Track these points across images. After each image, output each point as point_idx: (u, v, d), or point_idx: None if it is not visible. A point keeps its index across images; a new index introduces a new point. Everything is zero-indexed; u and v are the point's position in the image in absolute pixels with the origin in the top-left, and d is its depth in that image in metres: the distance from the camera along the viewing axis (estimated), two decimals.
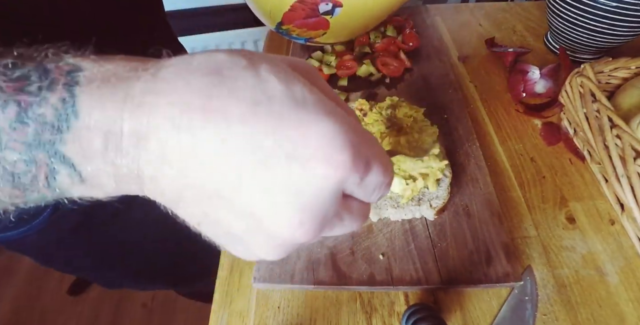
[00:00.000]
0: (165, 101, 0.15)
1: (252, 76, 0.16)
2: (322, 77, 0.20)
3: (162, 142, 0.15)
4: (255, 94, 0.16)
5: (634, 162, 0.39)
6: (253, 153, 0.15)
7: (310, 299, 0.39)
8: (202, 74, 0.16)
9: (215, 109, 0.15)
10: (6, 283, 1.27)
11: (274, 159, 0.15)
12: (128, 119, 0.15)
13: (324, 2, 0.48)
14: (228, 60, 0.16)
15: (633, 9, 0.51)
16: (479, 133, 0.54)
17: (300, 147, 0.15)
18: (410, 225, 0.43)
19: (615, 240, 0.43)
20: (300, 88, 0.16)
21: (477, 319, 0.38)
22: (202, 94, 0.15)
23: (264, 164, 0.15)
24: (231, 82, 0.16)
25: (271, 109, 0.15)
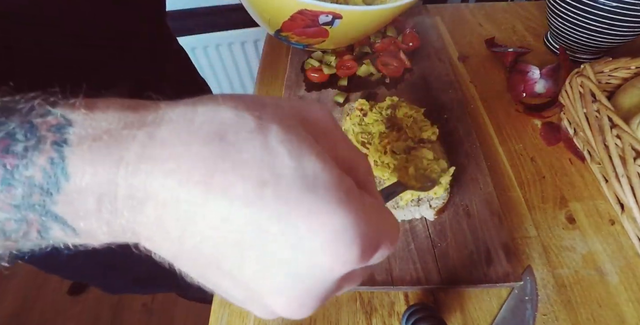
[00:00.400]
0: (163, 170, 0.14)
1: (260, 147, 0.15)
2: (335, 129, 0.18)
3: (159, 209, 0.14)
4: (262, 172, 0.14)
5: (634, 162, 0.39)
6: (257, 236, 0.14)
7: None
8: (204, 141, 0.14)
9: (217, 185, 0.14)
10: (6, 283, 1.27)
11: (279, 246, 0.15)
12: (123, 184, 0.14)
13: (323, 14, 0.48)
14: (234, 121, 0.15)
15: (633, 9, 0.51)
16: (479, 133, 0.54)
17: (307, 240, 0.14)
18: (410, 225, 0.43)
19: (615, 240, 0.43)
20: (312, 164, 0.15)
21: (477, 319, 0.38)
22: (204, 165, 0.14)
23: (269, 249, 0.15)
24: (236, 154, 0.14)
25: (279, 191, 0.14)
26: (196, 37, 1.11)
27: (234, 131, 0.15)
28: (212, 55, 1.18)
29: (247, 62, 1.22)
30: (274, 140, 0.15)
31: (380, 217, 0.17)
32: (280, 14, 0.50)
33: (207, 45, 1.15)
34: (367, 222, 0.15)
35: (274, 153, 0.15)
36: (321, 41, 0.55)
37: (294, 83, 0.62)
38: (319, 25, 0.50)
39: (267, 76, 0.66)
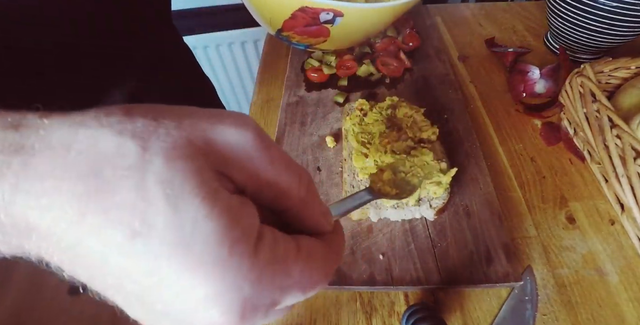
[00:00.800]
0: (38, 205, 0.13)
1: (135, 188, 0.13)
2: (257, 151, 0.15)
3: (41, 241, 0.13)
4: (133, 221, 0.13)
5: (634, 162, 0.39)
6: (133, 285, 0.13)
7: (310, 299, 0.39)
8: (77, 176, 0.13)
9: (89, 228, 0.13)
10: (6, 283, 1.27)
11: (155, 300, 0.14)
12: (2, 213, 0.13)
13: (324, 11, 0.47)
14: (113, 153, 0.13)
15: (633, 9, 0.51)
16: (479, 133, 0.54)
17: (179, 302, 0.13)
18: (410, 225, 0.43)
19: (615, 240, 0.43)
20: (193, 212, 0.13)
21: (477, 319, 0.38)
22: (76, 204, 0.13)
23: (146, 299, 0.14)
24: (109, 195, 0.13)
25: (149, 245, 0.13)
26: (196, 37, 1.11)
27: (111, 166, 0.13)
28: (212, 55, 1.18)
29: (247, 62, 1.22)
30: (151, 180, 0.13)
31: (288, 266, 0.15)
32: (281, 12, 0.50)
33: (207, 45, 1.15)
34: (255, 281, 0.14)
35: (148, 197, 0.13)
36: (322, 41, 0.55)
37: (294, 83, 0.62)
38: (320, 23, 0.50)
39: (267, 76, 0.66)
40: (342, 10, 0.47)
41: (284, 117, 0.56)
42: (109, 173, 0.13)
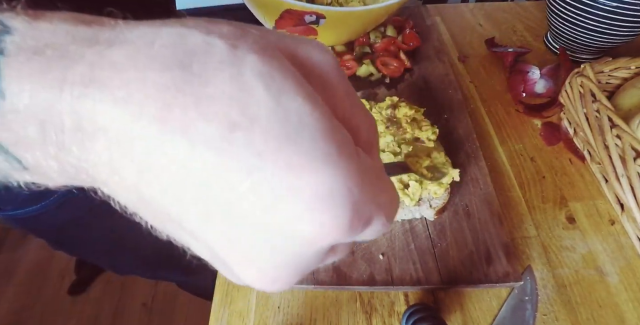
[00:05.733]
0: (113, 97, 0.11)
1: (231, 79, 0.12)
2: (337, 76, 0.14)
3: (111, 147, 0.12)
4: (231, 112, 0.11)
5: (634, 162, 0.39)
6: (223, 192, 0.12)
7: (310, 299, 0.39)
8: (163, 67, 0.12)
9: (175, 123, 0.11)
10: (6, 283, 1.27)
11: (249, 208, 0.12)
12: (68, 111, 0.12)
13: (308, 14, 0.50)
14: (202, 48, 0.12)
15: (633, 9, 0.51)
16: (479, 133, 0.54)
17: (284, 202, 0.12)
18: (410, 225, 0.43)
19: (615, 240, 0.43)
20: (297, 106, 0.12)
21: (477, 319, 0.38)
22: (160, 97, 0.11)
23: (237, 209, 0.12)
24: (200, 87, 0.11)
25: (250, 138, 0.11)
26: None
27: (201, 60, 0.12)
28: None
29: None
30: (249, 72, 0.12)
31: (379, 184, 0.14)
32: (272, 12, 0.52)
33: None
34: (361, 186, 0.12)
35: (247, 88, 0.12)
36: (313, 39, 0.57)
37: None
38: (306, 24, 0.52)
39: None
40: (324, 13, 0.50)
41: None
42: (198, 67, 0.12)
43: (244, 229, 0.12)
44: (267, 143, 0.11)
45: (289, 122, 0.12)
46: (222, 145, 0.11)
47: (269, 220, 0.12)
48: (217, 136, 0.11)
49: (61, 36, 0.12)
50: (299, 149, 0.12)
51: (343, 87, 0.14)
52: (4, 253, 1.33)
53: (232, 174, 0.11)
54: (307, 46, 0.14)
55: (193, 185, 0.12)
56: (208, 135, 0.11)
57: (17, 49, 0.12)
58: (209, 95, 0.11)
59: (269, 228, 0.12)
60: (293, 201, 0.12)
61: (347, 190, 0.12)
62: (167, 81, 0.11)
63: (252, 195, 0.12)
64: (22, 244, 1.35)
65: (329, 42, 0.62)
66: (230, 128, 0.11)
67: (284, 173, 0.11)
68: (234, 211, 0.12)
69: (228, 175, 0.11)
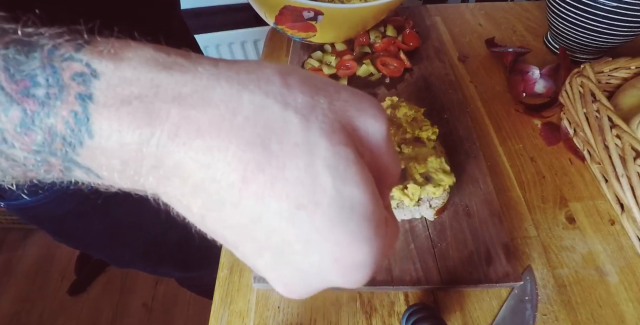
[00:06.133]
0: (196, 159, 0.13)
1: (305, 168, 0.14)
2: (383, 143, 0.17)
3: (186, 187, 0.14)
4: (301, 196, 0.14)
5: (634, 162, 0.39)
6: (280, 245, 0.15)
7: (310, 299, 0.39)
8: (246, 143, 0.13)
9: (252, 193, 0.14)
10: (6, 283, 1.27)
11: (298, 259, 0.15)
12: (152, 157, 0.14)
13: (306, 10, 0.50)
14: (280, 125, 0.14)
15: (633, 9, 0.51)
16: (479, 133, 0.54)
17: (326, 263, 0.15)
18: (410, 225, 0.43)
19: (615, 240, 0.43)
20: (353, 194, 0.14)
21: (477, 319, 0.38)
22: (242, 169, 0.13)
23: (287, 257, 0.15)
24: (277, 170, 0.14)
25: (313, 218, 0.14)
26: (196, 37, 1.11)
27: (278, 140, 0.14)
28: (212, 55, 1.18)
29: None
30: (319, 163, 0.14)
31: (391, 237, 0.17)
32: (271, 9, 0.53)
33: (207, 45, 1.15)
34: (381, 256, 0.16)
35: (317, 179, 0.14)
36: (312, 35, 0.57)
37: None
38: (304, 20, 0.52)
39: None
40: (321, 9, 0.50)
41: None
42: (276, 147, 0.14)
43: (289, 267, 0.16)
44: (324, 223, 0.14)
45: (344, 208, 0.14)
46: (287, 216, 0.14)
47: (310, 269, 0.15)
48: (285, 211, 0.14)
49: (146, 86, 0.13)
50: (347, 230, 0.14)
51: (387, 147, 0.17)
52: (4, 253, 1.33)
53: (292, 237, 0.14)
54: (365, 116, 0.16)
55: (257, 233, 0.15)
56: (278, 209, 0.14)
57: (105, 97, 0.13)
58: (284, 179, 0.14)
59: (309, 273, 0.16)
60: (333, 265, 0.15)
61: (375, 261, 0.16)
62: (248, 157, 0.13)
63: (304, 254, 0.15)
64: (22, 244, 1.35)
65: (328, 39, 0.62)
66: (298, 207, 0.14)
67: (332, 247, 0.15)
68: (284, 257, 0.15)
69: (289, 238, 0.14)
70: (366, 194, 0.15)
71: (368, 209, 0.15)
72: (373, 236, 0.15)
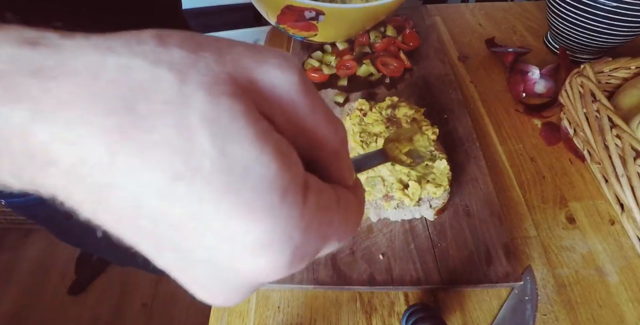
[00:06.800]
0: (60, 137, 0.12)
1: (176, 126, 0.12)
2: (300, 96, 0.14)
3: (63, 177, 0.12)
4: (175, 161, 0.11)
5: (634, 162, 0.39)
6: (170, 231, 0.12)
7: (310, 299, 0.39)
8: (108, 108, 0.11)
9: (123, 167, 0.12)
10: (6, 283, 1.27)
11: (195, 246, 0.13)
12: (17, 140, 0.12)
13: (307, 10, 0.51)
14: (149, 85, 0.12)
15: (633, 9, 0.51)
16: (479, 133, 0.54)
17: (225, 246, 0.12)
18: (410, 225, 0.43)
19: (615, 240, 0.43)
20: (242, 153, 0.12)
21: (477, 319, 0.38)
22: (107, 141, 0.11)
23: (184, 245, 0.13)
24: (145, 134, 0.11)
25: (193, 188, 0.12)
26: None
27: (146, 99, 0.12)
28: None
29: None
30: (194, 117, 0.12)
31: (331, 215, 0.15)
32: (273, 8, 0.53)
33: None
34: (305, 229, 0.13)
35: (192, 136, 0.12)
36: (314, 35, 0.58)
37: None
38: (306, 20, 0.53)
39: None
40: (323, 9, 0.50)
41: None
42: (144, 107, 0.12)
43: (193, 262, 0.13)
44: (209, 193, 0.12)
45: (233, 172, 0.12)
46: (167, 193, 0.12)
47: (213, 257, 0.13)
48: (162, 185, 0.12)
49: (6, 61, 0.12)
50: (240, 199, 0.12)
51: (308, 103, 0.15)
52: (4, 253, 1.33)
53: (178, 219, 0.12)
54: (267, 67, 0.14)
55: (146, 220, 0.12)
56: (154, 184, 0.12)
57: None
58: (153, 143, 0.11)
59: (213, 264, 0.13)
60: (235, 245, 0.12)
61: (287, 237, 0.13)
62: (111, 125, 0.11)
63: (197, 236, 0.12)
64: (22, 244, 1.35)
65: (329, 38, 0.62)
66: (174, 178, 0.11)
67: (226, 221, 0.12)
68: (182, 247, 0.13)
69: (174, 219, 0.12)
70: (264, 151, 0.12)
71: (268, 168, 0.12)
72: (279, 202, 0.12)
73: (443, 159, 0.43)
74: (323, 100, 0.16)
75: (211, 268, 0.13)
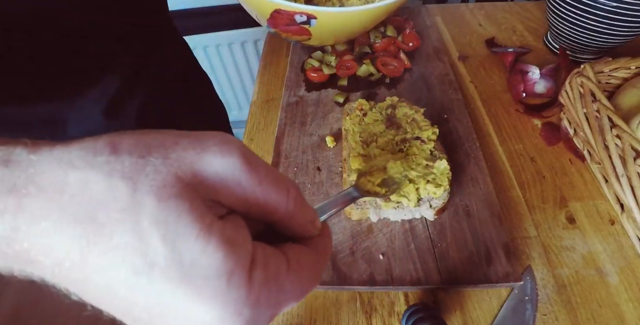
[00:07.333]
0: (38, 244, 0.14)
1: (131, 231, 0.14)
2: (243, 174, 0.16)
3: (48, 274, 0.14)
4: (134, 260, 0.14)
5: (634, 162, 0.39)
6: (139, 317, 0.15)
7: (310, 299, 0.39)
8: (74, 220, 0.14)
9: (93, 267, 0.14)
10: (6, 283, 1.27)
11: None
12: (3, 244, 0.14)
13: (298, 14, 0.48)
14: (105, 197, 0.14)
15: (633, 9, 0.51)
16: (479, 133, 0.54)
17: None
18: (410, 225, 0.43)
19: (615, 240, 0.43)
20: (190, 249, 0.14)
21: (477, 319, 0.38)
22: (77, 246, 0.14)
23: None
24: (107, 238, 0.14)
25: (152, 281, 0.14)
26: (196, 37, 1.11)
27: (104, 209, 0.14)
28: (212, 55, 1.18)
29: (247, 62, 1.22)
30: (146, 221, 0.14)
31: (280, 282, 0.16)
32: (262, 12, 0.51)
33: (207, 45, 1.15)
34: (254, 304, 0.15)
35: (145, 239, 0.14)
36: (307, 38, 0.56)
37: (294, 83, 0.62)
38: (297, 24, 0.51)
39: (267, 76, 0.66)
40: (314, 13, 0.48)
41: (284, 117, 0.56)
42: (103, 216, 0.14)
43: None
44: (165, 284, 0.14)
45: (183, 265, 0.14)
46: (132, 285, 0.14)
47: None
48: (126, 279, 0.14)
49: None
50: (192, 287, 0.14)
51: (253, 180, 0.16)
52: None
53: (144, 305, 0.14)
54: (207, 157, 0.16)
55: (121, 304, 0.14)
56: (120, 278, 0.14)
57: None
58: (114, 246, 0.14)
59: None
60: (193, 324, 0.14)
61: (237, 314, 0.14)
62: (78, 233, 0.14)
63: (162, 318, 0.14)
64: None
65: (325, 42, 0.61)
66: (135, 273, 0.14)
67: (182, 306, 0.14)
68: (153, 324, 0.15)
69: (141, 305, 0.14)
70: (209, 243, 0.14)
71: (214, 259, 0.14)
72: (226, 288, 0.14)
73: (443, 159, 0.43)
74: (270, 168, 0.18)
75: None
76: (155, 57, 0.53)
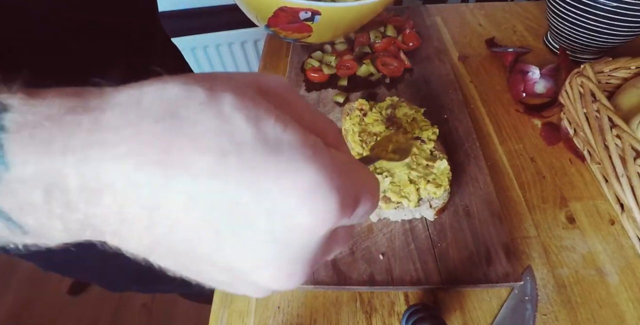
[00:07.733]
0: (116, 154, 0.13)
1: (215, 116, 0.14)
2: (295, 96, 0.18)
3: (119, 198, 0.13)
4: (221, 142, 0.13)
5: (634, 162, 0.39)
6: (229, 210, 0.14)
7: (310, 299, 0.39)
8: (154, 119, 0.13)
9: (176, 164, 0.13)
10: (6, 283, 1.27)
11: (254, 216, 0.14)
12: (73, 173, 0.13)
13: (302, 10, 0.49)
14: (184, 96, 0.14)
15: (633, 9, 0.51)
16: (479, 133, 0.54)
17: (281, 202, 0.14)
18: (410, 225, 0.43)
19: (615, 240, 0.43)
20: (272, 127, 0.14)
21: (477, 319, 0.38)
22: (159, 144, 0.13)
23: (243, 221, 0.14)
24: (191, 128, 0.13)
25: (242, 158, 0.13)
26: (196, 37, 1.11)
27: (185, 105, 0.14)
28: (212, 55, 1.18)
29: (247, 62, 1.22)
30: (228, 107, 0.14)
31: (355, 170, 0.17)
32: (264, 11, 0.52)
33: (207, 45, 1.15)
34: (340, 175, 0.15)
35: (230, 121, 0.14)
36: (307, 36, 0.56)
37: (294, 83, 0.62)
38: (300, 21, 0.51)
39: None
40: (319, 9, 0.49)
41: None
42: (184, 111, 0.14)
43: (254, 236, 0.14)
44: (256, 159, 0.14)
45: (269, 140, 0.14)
46: (219, 170, 0.13)
47: (273, 221, 0.14)
48: (213, 164, 0.13)
49: (56, 108, 0.13)
50: (282, 157, 0.14)
51: (300, 102, 0.18)
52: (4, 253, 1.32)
53: (233, 192, 0.14)
54: (265, 77, 0.17)
55: (201, 212, 0.14)
56: (206, 165, 0.13)
57: (18, 126, 0.13)
58: (199, 133, 0.13)
59: (274, 229, 0.14)
60: (287, 199, 0.14)
61: (329, 179, 0.14)
62: (160, 129, 0.13)
63: (254, 204, 0.14)
64: None
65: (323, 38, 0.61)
66: (223, 154, 0.13)
67: (275, 179, 0.14)
68: (241, 223, 0.14)
69: (230, 194, 0.14)
70: (288, 126, 0.15)
71: (295, 134, 0.15)
72: (313, 154, 0.14)
73: (443, 159, 0.43)
74: None
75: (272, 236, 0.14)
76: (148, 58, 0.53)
